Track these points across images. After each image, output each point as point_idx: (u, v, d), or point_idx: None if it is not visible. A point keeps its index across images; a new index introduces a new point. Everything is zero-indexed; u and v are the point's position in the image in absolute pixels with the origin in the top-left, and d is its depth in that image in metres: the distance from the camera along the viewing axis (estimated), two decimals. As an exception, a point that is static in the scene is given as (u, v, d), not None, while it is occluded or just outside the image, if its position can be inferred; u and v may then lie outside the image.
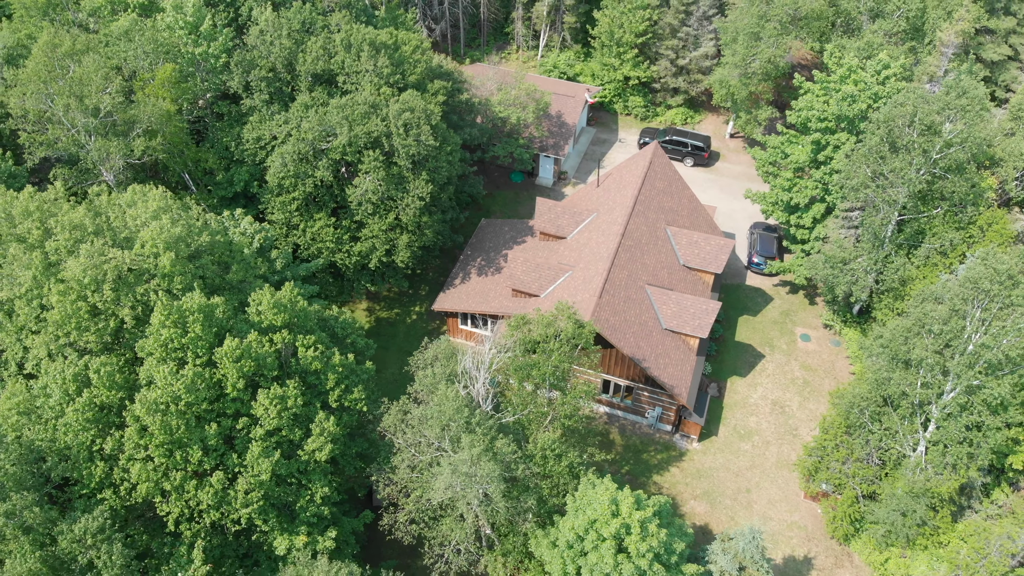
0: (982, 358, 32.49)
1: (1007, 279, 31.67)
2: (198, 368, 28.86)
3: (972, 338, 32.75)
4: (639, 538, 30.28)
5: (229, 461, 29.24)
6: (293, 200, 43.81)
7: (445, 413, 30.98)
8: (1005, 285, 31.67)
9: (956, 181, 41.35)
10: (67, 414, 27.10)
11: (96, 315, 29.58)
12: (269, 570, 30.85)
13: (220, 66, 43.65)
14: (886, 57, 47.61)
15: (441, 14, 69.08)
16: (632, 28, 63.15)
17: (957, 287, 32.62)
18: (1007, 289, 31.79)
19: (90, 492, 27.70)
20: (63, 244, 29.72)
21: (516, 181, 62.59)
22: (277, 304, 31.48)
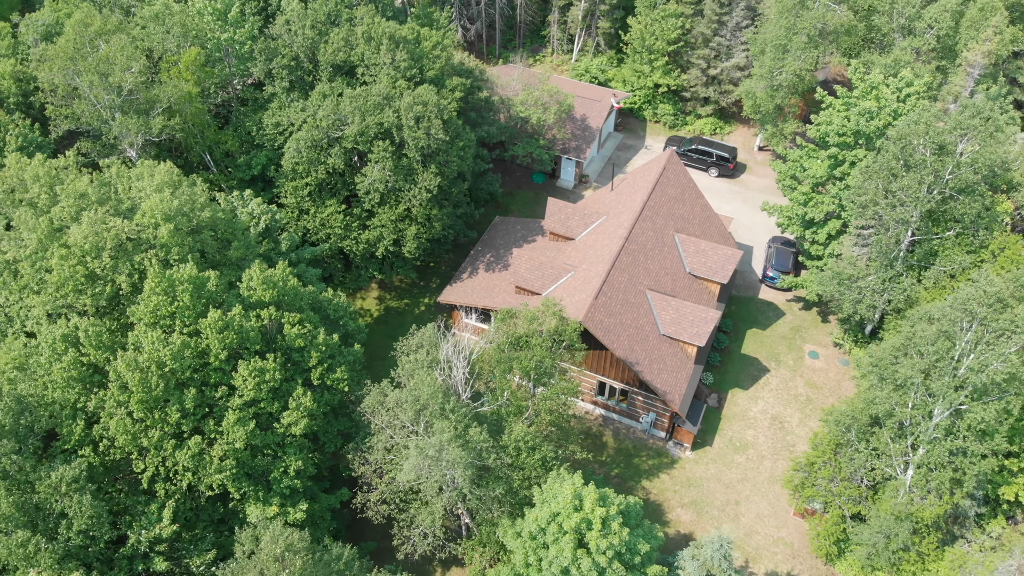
0: (968, 382, 31.84)
1: (996, 302, 31.00)
2: (184, 337, 30.09)
3: (960, 361, 32.12)
4: (599, 534, 30.45)
5: (206, 427, 30.40)
6: (306, 185, 45.11)
7: (420, 398, 31.66)
8: (994, 308, 31.01)
9: (967, 202, 40.50)
10: (53, 371, 28.60)
11: (94, 280, 31.09)
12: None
13: (245, 53, 45.22)
14: (909, 75, 46.86)
15: (477, 14, 70.04)
16: (664, 36, 63.16)
17: (947, 308, 32.04)
18: (996, 313, 31.12)
19: (71, 448, 29.14)
20: (67, 211, 31.36)
21: (537, 182, 63.09)
22: (267, 281, 32.61)
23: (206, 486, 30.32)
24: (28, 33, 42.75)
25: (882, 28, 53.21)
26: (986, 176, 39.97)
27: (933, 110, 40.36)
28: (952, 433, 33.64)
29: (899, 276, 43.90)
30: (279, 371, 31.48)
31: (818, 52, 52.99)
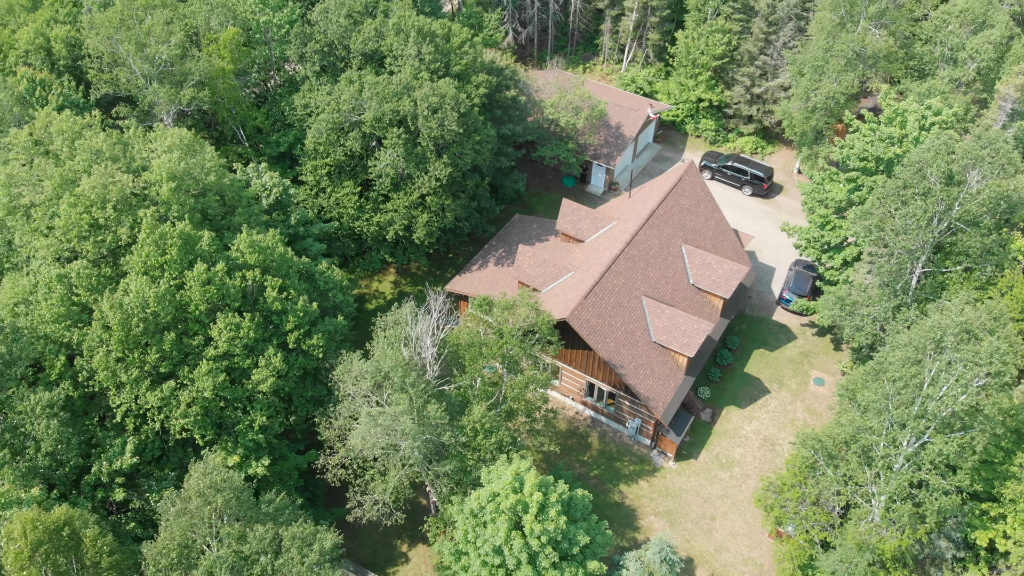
0: (930, 411, 31.11)
1: (963, 333, 30.24)
2: (170, 286, 32.34)
3: (925, 390, 31.41)
4: (534, 519, 31.11)
5: (181, 373, 32.53)
6: (325, 165, 47.29)
7: (381, 369, 33.03)
8: (961, 339, 30.26)
9: (973, 235, 39.34)
10: (43, 306, 31.24)
11: (97, 229, 33.71)
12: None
13: (282, 36, 47.79)
14: (938, 103, 45.74)
15: (529, 19, 71.41)
16: (710, 51, 63.12)
17: (915, 335, 31.42)
18: (963, 343, 30.35)
19: (55, 380, 31.68)
20: (81, 164, 34.13)
21: (568, 185, 63.88)
22: (253, 244, 34.63)
23: (176, 429, 32.43)
24: (87, 1, 46.41)
25: (924, 56, 51.94)
26: (993, 209, 38.77)
27: (943, 137, 39.40)
28: (913, 464, 32.87)
29: (902, 307, 42.86)
30: (254, 330, 33.38)
31: (854, 76, 52.09)
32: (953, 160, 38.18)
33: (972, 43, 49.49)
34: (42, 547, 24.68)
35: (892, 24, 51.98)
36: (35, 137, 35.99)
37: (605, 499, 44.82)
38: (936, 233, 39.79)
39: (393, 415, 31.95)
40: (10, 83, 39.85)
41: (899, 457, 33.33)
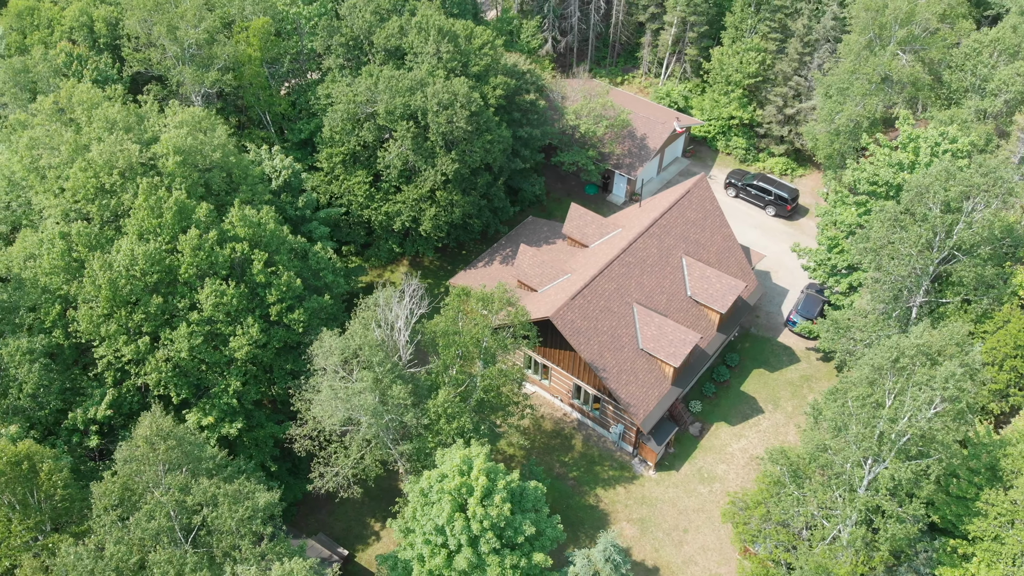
0: (886, 434, 30.64)
1: (922, 355, 29.73)
2: (160, 248, 34.38)
3: (882, 411, 30.96)
4: (478, 503, 31.79)
5: (163, 334, 34.48)
6: (339, 153, 49.13)
7: (349, 346, 34.36)
8: (917, 361, 29.75)
9: (967, 265, 38.43)
10: (44, 259, 33.64)
11: (103, 193, 36.07)
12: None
13: (311, 28, 49.97)
14: (955, 131, 44.79)
15: (569, 27, 72.33)
16: (743, 68, 62.93)
17: (876, 355, 31.02)
18: (921, 366, 29.84)
19: (48, 328, 33.98)
20: (95, 131, 36.60)
21: (589, 193, 64.42)
22: (244, 218, 36.46)
23: (153, 384, 34.35)
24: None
25: (952, 84, 50.82)
26: (989, 239, 37.82)
27: (944, 163, 38.65)
28: (873, 489, 32.34)
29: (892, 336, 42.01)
30: (237, 298, 35.13)
31: (878, 100, 51.30)
32: (951, 187, 37.43)
33: (1001, 74, 48.24)
34: (2, 476, 26.71)
35: (922, 50, 51.04)
36: (59, 105, 38.74)
37: (580, 501, 45.12)
38: (934, 261, 38.99)
39: (354, 390, 33.18)
40: (50, 56, 42.93)
41: (862, 480, 32.84)
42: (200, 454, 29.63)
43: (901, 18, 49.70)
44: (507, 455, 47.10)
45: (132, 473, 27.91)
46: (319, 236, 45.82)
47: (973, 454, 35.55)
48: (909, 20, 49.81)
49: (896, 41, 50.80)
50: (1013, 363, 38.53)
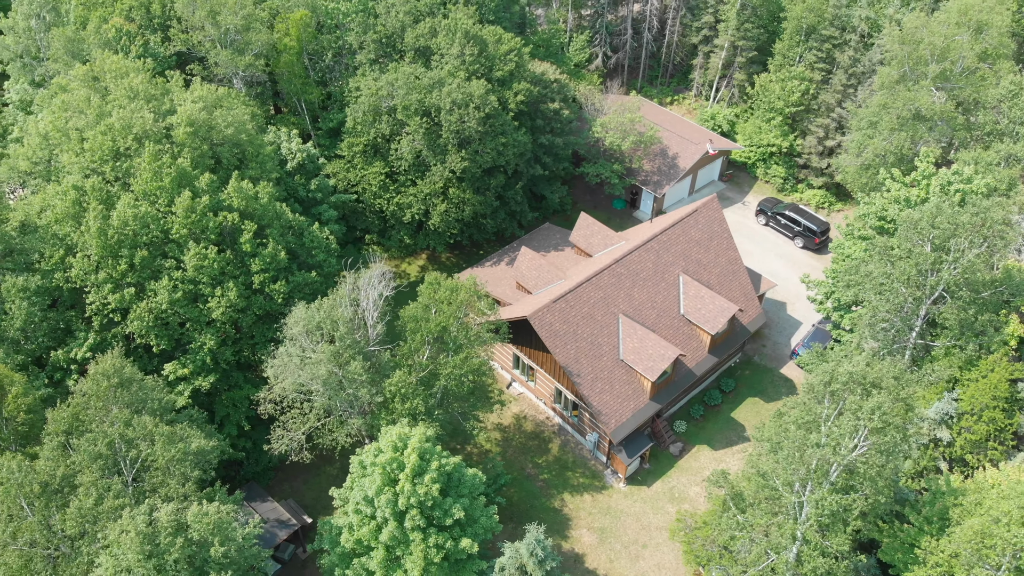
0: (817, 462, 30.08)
1: (855, 384, 29.10)
2: (154, 208, 37.20)
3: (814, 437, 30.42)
4: (408, 480, 32.90)
5: (148, 287, 37.26)
6: (360, 143, 51.47)
7: (313, 318, 36.23)
8: (851, 390, 29.14)
9: (950, 308, 37.11)
10: (56, 207, 37.04)
11: (118, 156, 39.28)
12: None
13: (346, 23, 52.65)
14: (969, 171, 43.25)
15: (621, 44, 72.95)
16: (786, 96, 62.15)
17: (814, 380, 30.54)
18: (855, 395, 29.20)
19: (50, 269, 37.24)
20: (118, 99, 39.93)
21: (617, 208, 64.78)
22: (238, 190, 38.96)
23: (137, 332, 37.08)
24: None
25: (985, 126, 48.93)
26: (974, 282, 36.43)
27: (937, 201, 37.52)
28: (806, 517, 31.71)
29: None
30: (220, 262, 37.58)
31: (906, 135, 49.86)
32: (938, 224, 36.32)
33: (1035, 118, 46.24)
34: (-27, 395, 29.81)
35: (956, 88, 49.40)
36: (94, 73, 42.39)
37: (545, 503, 45.55)
38: (924, 301, 37.80)
39: (310, 359, 34.97)
40: (102, 30, 46.97)
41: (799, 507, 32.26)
42: (151, 396, 31.94)
43: (936, 54, 48.30)
44: (484, 450, 48.04)
45: (83, 404, 30.48)
46: (328, 219, 48.10)
47: (930, 500, 34.32)
48: (944, 56, 48.35)
49: (931, 77, 49.35)
50: (992, 414, 36.89)
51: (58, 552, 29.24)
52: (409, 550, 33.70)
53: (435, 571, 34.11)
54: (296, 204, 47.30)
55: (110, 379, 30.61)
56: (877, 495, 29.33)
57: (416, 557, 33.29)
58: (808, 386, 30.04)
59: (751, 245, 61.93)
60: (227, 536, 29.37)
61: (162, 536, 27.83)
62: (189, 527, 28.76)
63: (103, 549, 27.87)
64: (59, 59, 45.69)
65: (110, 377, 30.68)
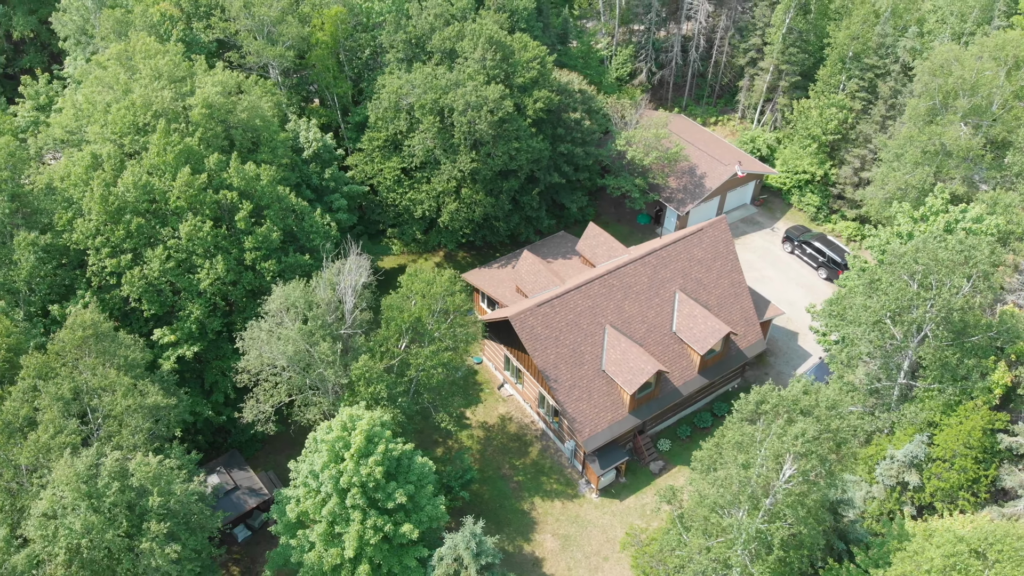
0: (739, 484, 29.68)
1: (783, 409, 28.57)
2: (156, 179, 39.72)
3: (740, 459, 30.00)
4: (352, 459, 34.01)
5: (145, 253, 39.72)
6: (379, 138, 53.24)
7: (289, 296, 37.92)
8: (778, 413, 28.64)
9: (928, 348, 35.77)
10: (73, 171, 39.99)
11: (136, 130, 42.05)
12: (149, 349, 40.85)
13: (379, 21, 54.63)
14: (979, 211, 41.57)
15: (667, 61, 72.68)
16: (823, 123, 60.80)
17: (743, 401, 30.14)
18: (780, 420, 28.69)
19: (60, 230, 40.14)
20: (142, 78, 42.78)
21: (641, 223, 64.58)
22: (239, 171, 41.10)
23: (132, 295, 39.55)
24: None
25: (1014, 167, 46.80)
26: (951, 322, 35.02)
27: (925, 238, 36.31)
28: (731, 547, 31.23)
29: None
30: (213, 236, 39.74)
31: (929, 170, 48.17)
32: (919, 259, 35.16)
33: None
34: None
35: (987, 126, 47.45)
36: (128, 52, 45.46)
37: (514, 504, 45.92)
38: (910, 339, 36.57)
39: (279, 335, 36.61)
40: (148, 13, 50.31)
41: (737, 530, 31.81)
42: (119, 352, 34.14)
43: (967, 89, 46.57)
44: (464, 445, 48.80)
45: (57, 352, 32.91)
46: (338, 207, 49.95)
47: (879, 543, 33.21)
48: (975, 91, 46.57)
49: (961, 112, 47.56)
50: (963, 463, 35.34)
51: (19, 486, 31.60)
52: (347, 528, 34.76)
53: (372, 551, 35.09)
54: (308, 191, 49.33)
55: (84, 330, 32.93)
56: (799, 524, 28.67)
57: (352, 535, 34.33)
58: (739, 406, 29.67)
59: (773, 272, 60.72)
60: (167, 488, 31.08)
61: (102, 479, 29.75)
62: (132, 475, 30.62)
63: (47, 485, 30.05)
64: (107, 37, 49.18)
65: (85, 328, 33.00)
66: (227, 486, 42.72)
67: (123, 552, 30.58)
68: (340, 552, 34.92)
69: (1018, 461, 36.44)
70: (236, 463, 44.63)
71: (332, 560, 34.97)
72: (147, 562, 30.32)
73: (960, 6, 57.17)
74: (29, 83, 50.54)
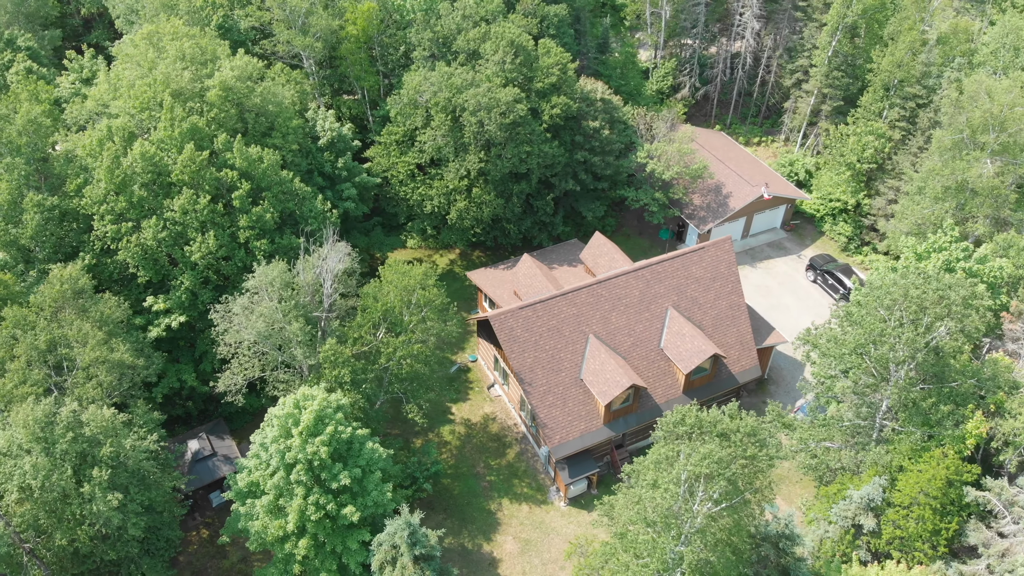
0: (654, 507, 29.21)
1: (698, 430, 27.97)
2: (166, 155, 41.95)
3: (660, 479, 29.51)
4: (300, 438, 35.07)
5: (144, 223, 41.97)
6: (397, 132, 54.49)
7: (267, 274, 39.42)
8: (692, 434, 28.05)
9: (895, 389, 34.25)
10: (88, 141, 42.66)
11: (156, 106, 44.49)
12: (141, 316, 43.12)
13: (408, 20, 55.93)
14: (987, 252, 39.50)
15: (712, 77, 71.48)
16: (858, 151, 58.74)
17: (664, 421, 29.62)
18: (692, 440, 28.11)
19: (71, 193, 42.82)
20: (167, 58, 45.22)
21: (662, 238, 63.76)
22: (241, 152, 42.93)
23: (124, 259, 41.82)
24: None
25: (1039, 209, 44.20)
26: (921, 363, 33.43)
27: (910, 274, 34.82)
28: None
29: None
30: (209, 211, 41.67)
31: (949, 205, 45.98)
32: (890, 294, 33.75)
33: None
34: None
35: (1015, 164, 44.97)
36: (156, 37, 48.07)
37: (482, 503, 46.18)
38: (886, 378, 35.19)
39: (250, 309, 38.12)
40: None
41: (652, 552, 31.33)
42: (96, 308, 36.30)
43: (995, 123, 44.29)
44: (444, 440, 49.38)
45: (38, 304, 35.28)
46: (347, 196, 51.41)
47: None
48: (1004, 127, 44.23)
49: (988, 148, 45.23)
50: (921, 512, 33.67)
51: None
52: (291, 502, 35.82)
53: (313, 527, 36.07)
54: (320, 178, 50.94)
55: (63, 284, 35.21)
56: (708, 551, 28.00)
57: (294, 509, 35.37)
58: (661, 424, 29.19)
59: (792, 299, 58.97)
60: (118, 442, 32.85)
61: (58, 427, 31.72)
62: (86, 425, 32.52)
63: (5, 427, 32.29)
64: (152, 18, 52.17)
65: (63, 283, 35.28)
66: (204, 452, 44.55)
67: (72, 494, 32.48)
68: (283, 524, 36.02)
69: (986, 518, 34.45)
70: (220, 431, 46.49)
71: (275, 532, 36.12)
72: (90, 507, 32.09)
73: (1014, 39, 54.21)
74: (74, 57, 54.11)
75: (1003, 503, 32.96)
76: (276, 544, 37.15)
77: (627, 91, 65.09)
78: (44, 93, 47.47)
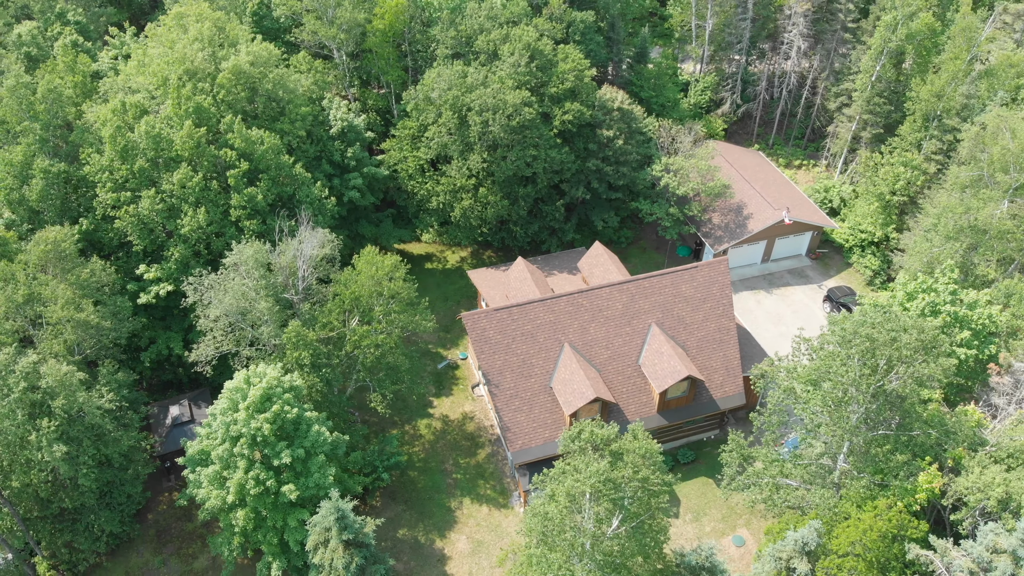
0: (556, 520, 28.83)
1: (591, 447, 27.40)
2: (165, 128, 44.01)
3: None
4: (246, 413, 36.17)
5: (144, 193, 44.09)
6: (411, 126, 55.29)
7: (243, 252, 40.82)
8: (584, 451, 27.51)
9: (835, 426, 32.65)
10: (102, 114, 45.16)
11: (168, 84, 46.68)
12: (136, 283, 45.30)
13: (438, 17, 56.62)
14: (980, 297, 37.19)
15: (753, 95, 69.42)
16: (890, 182, 56.08)
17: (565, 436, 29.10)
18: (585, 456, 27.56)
19: (83, 160, 45.34)
20: (187, 39, 47.39)
21: (680, 255, 62.44)
22: (241, 133, 44.55)
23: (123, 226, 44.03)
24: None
25: (1053, 257, 41.18)
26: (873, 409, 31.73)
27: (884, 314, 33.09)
28: None
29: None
30: (202, 187, 43.44)
31: (959, 246, 43.38)
32: (842, 330, 32.17)
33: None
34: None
35: (1033, 207, 42.09)
36: (185, 19, 50.34)
37: (443, 499, 46.42)
38: (845, 419, 33.66)
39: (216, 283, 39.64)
40: (232, -13, 55.58)
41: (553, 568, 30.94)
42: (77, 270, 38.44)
43: (1014, 162, 41.57)
44: (418, 433, 49.85)
45: (23, 262, 37.75)
46: (354, 185, 52.54)
47: None
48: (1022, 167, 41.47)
49: (1007, 188, 42.47)
50: (854, 564, 31.97)
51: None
52: (234, 474, 36.98)
53: (253, 501, 37.12)
54: (328, 165, 52.25)
55: (46, 245, 37.47)
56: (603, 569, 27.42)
57: (235, 481, 36.49)
58: (563, 437, 28.74)
59: (803, 330, 56.69)
60: (72, 396, 34.69)
61: (15, 376, 33.77)
62: (43, 377, 34.51)
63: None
64: (186, 3, 54.75)
65: (46, 244, 37.54)
66: (183, 418, 46.41)
67: (27, 441, 34.53)
68: (223, 495, 37.23)
69: (930, 578, 32.44)
70: (203, 400, 48.32)
71: (215, 501, 37.36)
72: (39, 455, 34.03)
73: (1066, 75, 50.60)
74: (116, 34, 57.20)
75: (944, 565, 30.94)
76: (222, 514, 38.42)
77: (659, 103, 63.98)
78: (82, 65, 50.38)
